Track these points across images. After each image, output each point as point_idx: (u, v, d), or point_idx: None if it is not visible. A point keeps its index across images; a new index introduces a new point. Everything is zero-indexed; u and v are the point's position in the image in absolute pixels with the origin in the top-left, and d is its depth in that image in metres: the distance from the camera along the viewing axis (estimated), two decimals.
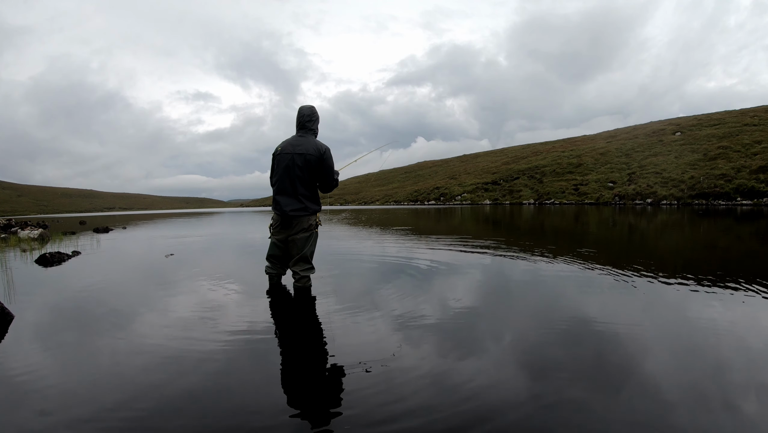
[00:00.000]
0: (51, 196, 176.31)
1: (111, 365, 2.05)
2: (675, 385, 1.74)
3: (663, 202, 32.56)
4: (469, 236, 8.76)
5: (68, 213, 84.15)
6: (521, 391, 1.70)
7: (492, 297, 3.38)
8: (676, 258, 5.49)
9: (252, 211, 43.93)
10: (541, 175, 50.98)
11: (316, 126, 3.57)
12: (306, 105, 3.61)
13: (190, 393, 1.73)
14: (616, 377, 1.83)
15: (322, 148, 3.45)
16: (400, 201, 67.45)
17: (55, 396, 1.72)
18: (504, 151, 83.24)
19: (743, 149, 35.83)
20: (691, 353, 2.10)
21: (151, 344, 2.31)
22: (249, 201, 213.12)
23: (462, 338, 2.35)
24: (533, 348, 2.19)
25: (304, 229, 3.45)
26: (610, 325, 2.53)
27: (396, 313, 2.82)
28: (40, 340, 2.44)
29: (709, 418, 1.49)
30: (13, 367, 2.04)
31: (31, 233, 10.11)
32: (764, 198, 28.11)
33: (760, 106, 47.92)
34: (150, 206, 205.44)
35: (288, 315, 2.95)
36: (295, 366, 2.05)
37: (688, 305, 2.98)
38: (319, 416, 1.55)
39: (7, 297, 3.42)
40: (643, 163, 41.76)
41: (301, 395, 1.73)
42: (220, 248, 7.64)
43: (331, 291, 3.50)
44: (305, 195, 3.44)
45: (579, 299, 3.23)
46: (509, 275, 4.24)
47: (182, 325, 2.65)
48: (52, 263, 5.42)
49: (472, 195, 54.21)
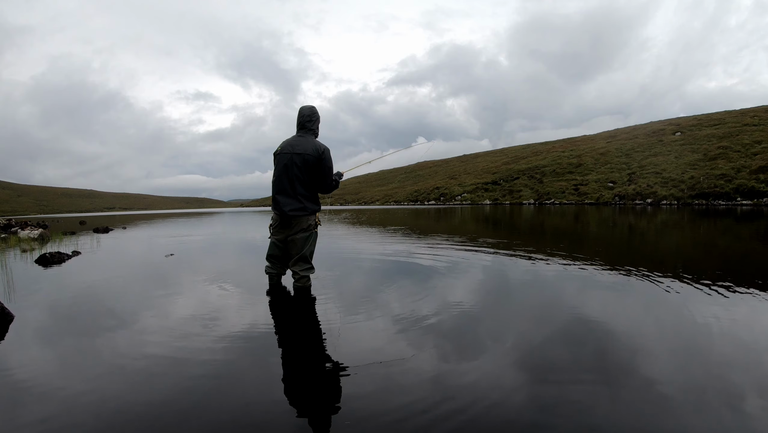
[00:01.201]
0: (51, 196, 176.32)
1: (111, 365, 2.05)
2: (678, 385, 1.74)
3: (663, 202, 32.56)
4: (470, 235, 8.75)
5: (68, 213, 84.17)
6: (523, 391, 1.70)
7: (492, 297, 3.37)
8: (678, 258, 5.49)
9: (252, 211, 43.92)
10: (541, 175, 50.99)
11: (316, 126, 3.57)
12: (306, 105, 3.61)
13: (190, 393, 1.73)
14: (627, 376, 1.83)
15: (320, 148, 3.45)
16: (400, 201, 67.44)
17: (55, 397, 1.72)
18: (504, 151, 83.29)
19: (743, 149, 35.84)
20: (698, 353, 2.10)
21: (151, 345, 2.31)
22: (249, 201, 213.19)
23: (463, 338, 2.35)
24: (534, 348, 2.18)
25: (303, 229, 3.45)
26: (613, 324, 2.53)
27: (396, 313, 2.81)
28: (40, 340, 2.44)
29: (712, 418, 1.49)
30: (13, 367, 2.04)
31: (31, 233, 10.11)
32: (764, 198, 28.11)
33: (760, 106, 47.95)
34: (150, 206, 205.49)
35: (287, 315, 2.95)
36: (295, 367, 2.05)
37: (696, 304, 2.98)
38: (319, 416, 1.55)
39: (7, 297, 3.42)
40: (643, 163, 41.76)
41: (300, 396, 1.72)
42: (220, 248, 7.64)
43: (331, 291, 3.50)
44: (304, 195, 3.44)
45: (579, 299, 3.22)
46: (509, 275, 4.24)
47: (182, 325, 2.65)
48: (52, 263, 5.42)
49: (472, 195, 54.22)
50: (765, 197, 28.13)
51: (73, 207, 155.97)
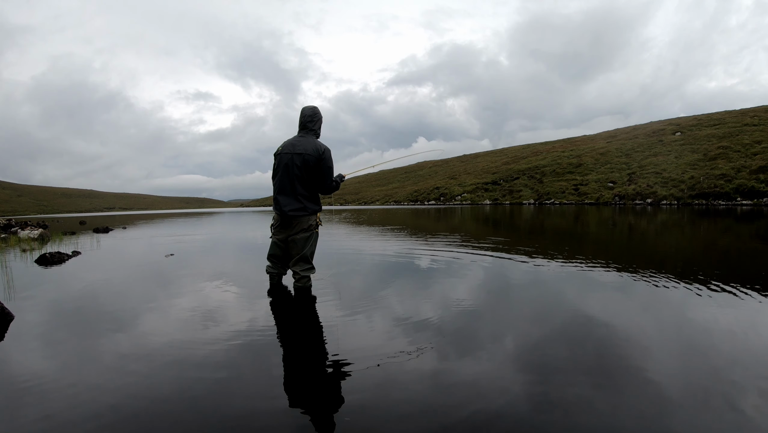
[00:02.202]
0: (51, 196, 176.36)
1: (111, 365, 2.05)
2: (680, 385, 1.74)
3: (663, 202, 32.56)
4: (470, 235, 8.75)
5: (68, 213, 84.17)
6: (523, 392, 1.70)
7: (493, 297, 3.37)
8: (678, 258, 5.49)
9: (252, 211, 43.92)
10: (541, 175, 50.99)
11: (317, 126, 3.57)
12: (309, 105, 3.61)
13: (190, 393, 1.73)
14: (629, 376, 1.83)
15: (321, 148, 3.45)
16: (400, 201, 67.44)
17: (55, 397, 1.72)
18: (504, 151, 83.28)
19: (743, 149, 35.84)
20: (699, 353, 2.10)
21: (151, 344, 2.31)
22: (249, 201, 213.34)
23: (463, 337, 2.35)
24: (534, 348, 2.18)
25: (304, 229, 3.45)
26: (613, 324, 2.52)
27: (396, 313, 2.81)
28: (40, 340, 2.44)
29: (713, 418, 1.49)
30: (13, 367, 2.04)
31: (31, 233, 10.11)
32: (764, 198, 28.11)
33: (760, 106, 47.94)
34: (150, 206, 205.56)
35: (288, 316, 2.95)
36: (295, 367, 2.04)
37: (696, 304, 2.98)
38: (319, 416, 1.55)
39: (7, 297, 3.42)
40: (643, 163, 41.76)
41: (300, 396, 1.72)
42: (220, 248, 7.64)
43: (331, 291, 3.50)
44: (304, 195, 3.44)
45: (579, 299, 3.22)
46: (509, 275, 4.24)
47: (182, 325, 2.65)
48: (52, 263, 5.41)
49: (472, 195, 54.21)
50: (765, 197, 28.13)
51: (73, 207, 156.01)
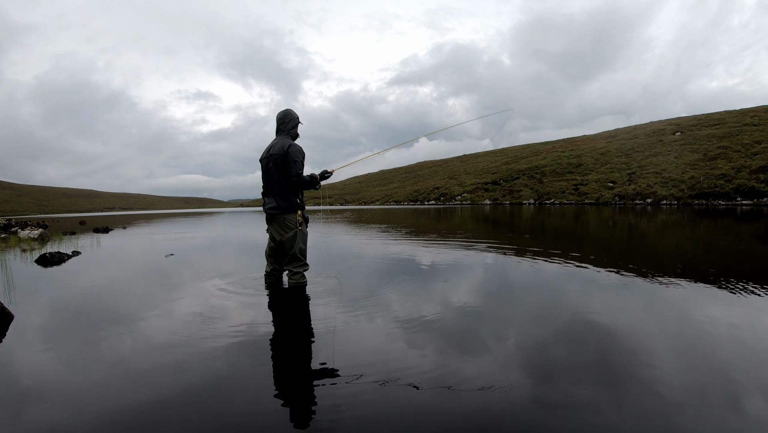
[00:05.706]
0: (51, 196, 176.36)
1: (111, 365, 2.05)
2: (682, 385, 1.74)
3: (663, 202, 32.55)
4: (470, 235, 8.76)
5: (68, 213, 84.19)
6: (524, 392, 1.71)
7: (493, 297, 3.38)
8: (678, 257, 5.49)
9: (251, 211, 43.93)
10: (541, 175, 50.98)
11: (289, 128, 3.67)
12: (282, 109, 3.74)
13: (189, 393, 1.73)
14: (630, 377, 1.84)
15: (286, 145, 3.52)
16: (400, 201, 67.45)
17: (55, 396, 1.73)
18: (504, 151, 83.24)
19: (743, 149, 35.82)
20: (700, 353, 2.11)
21: (151, 344, 2.32)
22: (249, 201, 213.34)
23: (463, 336, 2.35)
24: (534, 348, 2.19)
25: (288, 227, 3.54)
26: (613, 324, 2.53)
27: (396, 313, 2.82)
28: (40, 340, 2.44)
29: (714, 418, 1.50)
30: (13, 367, 2.04)
31: (31, 233, 10.12)
32: (764, 198, 28.10)
33: (760, 106, 47.90)
34: (150, 206, 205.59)
35: (285, 314, 2.95)
36: (295, 367, 2.05)
37: (697, 304, 2.98)
38: (316, 416, 1.55)
39: (7, 297, 3.43)
40: (643, 163, 41.75)
41: (300, 396, 1.73)
42: (219, 248, 7.65)
43: (330, 291, 3.51)
44: (279, 194, 3.54)
45: (580, 299, 3.23)
46: (510, 275, 4.25)
47: (181, 325, 2.66)
48: (52, 263, 5.42)
49: (472, 195, 54.22)
50: (765, 197, 28.12)
51: (73, 207, 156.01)
